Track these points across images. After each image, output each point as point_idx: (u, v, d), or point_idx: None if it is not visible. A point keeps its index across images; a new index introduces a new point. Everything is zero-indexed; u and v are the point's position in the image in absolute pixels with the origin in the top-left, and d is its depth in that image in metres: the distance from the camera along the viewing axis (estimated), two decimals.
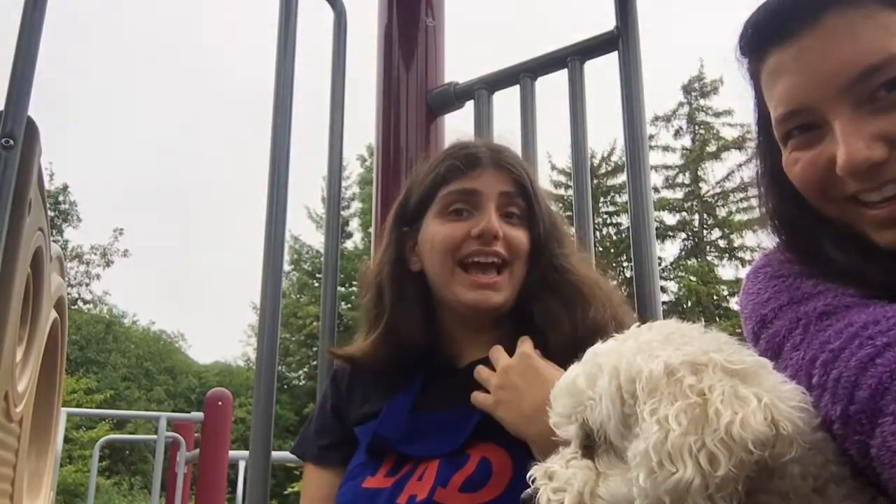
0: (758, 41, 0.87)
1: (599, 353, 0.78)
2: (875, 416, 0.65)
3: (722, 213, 24.91)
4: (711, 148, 25.19)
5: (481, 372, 1.17)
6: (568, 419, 0.78)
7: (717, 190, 25.15)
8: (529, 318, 1.24)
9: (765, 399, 0.65)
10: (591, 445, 0.75)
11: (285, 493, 19.81)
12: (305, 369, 26.47)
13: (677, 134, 25.86)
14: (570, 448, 0.77)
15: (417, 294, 1.30)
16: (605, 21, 1.91)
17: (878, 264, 0.80)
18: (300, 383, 27.20)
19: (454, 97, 2.18)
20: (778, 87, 0.84)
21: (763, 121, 0.92)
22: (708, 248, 25.28)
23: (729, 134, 25.07)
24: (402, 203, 1.36)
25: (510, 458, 1.09)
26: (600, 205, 25.17)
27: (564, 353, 1.12)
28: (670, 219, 25.35)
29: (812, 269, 0.85)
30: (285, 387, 26.35)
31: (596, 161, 24.62)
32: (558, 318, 1.21)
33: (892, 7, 0.78)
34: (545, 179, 1.37)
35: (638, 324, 0.81)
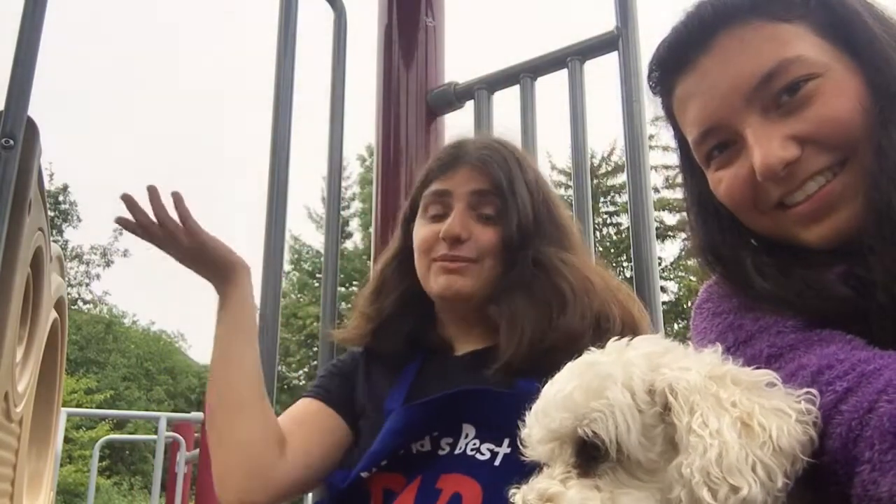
0: (664, 76, 0.92)
1: (599, 364, 0.73)
2: (850, 465, 0.64)
3: None
4: None
5: None
6: (555, 436, 0.72)
7: None
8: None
9: (801, 408, 0.66)
10: (582, 464, 0.71)
11: None
12: (305, 369, 26.42)
13: None
14: (558, 468, 0.72)
15: (417, 290, 1.33)
16: (605, 21, 1.91)
17: (792, 287, 0.80)
18: (300, 383, 27.18)
19: (454, 97, 2.18)
20: (688, 113, 0.88)
21: (685, 151, 0.95)
22: None
23: None
24: (409, 201, 1.41)
25: (481, 490, 1.05)
26: (600, 205, 25.11)
27: (522, 357, 1.16)
28: (670, 219, 25.30)
29: (748, 300, 0.86)
30: (285, 387, 26.33)
31: (596, 161, 24.57)
32: (519, 318, 1.18)
33: (777, 19, 0.83)
34: (545, 179, 1.36)
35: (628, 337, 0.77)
